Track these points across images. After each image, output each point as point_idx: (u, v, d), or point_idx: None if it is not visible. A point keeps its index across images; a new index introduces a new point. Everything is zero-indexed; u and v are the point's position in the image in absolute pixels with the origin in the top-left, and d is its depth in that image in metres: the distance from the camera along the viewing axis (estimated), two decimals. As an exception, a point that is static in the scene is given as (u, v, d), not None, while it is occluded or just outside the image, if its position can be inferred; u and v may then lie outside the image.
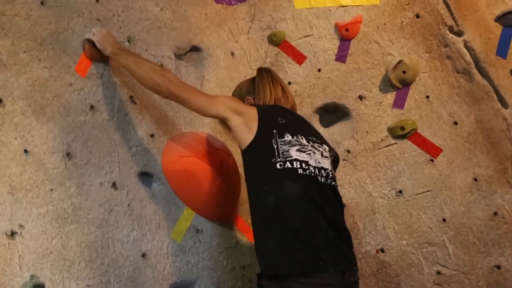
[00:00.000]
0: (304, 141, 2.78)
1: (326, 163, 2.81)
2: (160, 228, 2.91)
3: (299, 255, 2.57)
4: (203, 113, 2.88)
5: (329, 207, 2.69)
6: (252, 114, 2.80)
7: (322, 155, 2.81)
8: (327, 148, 2.88)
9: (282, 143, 2.72)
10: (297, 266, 2.56)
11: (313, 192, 2.66)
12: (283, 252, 2.59)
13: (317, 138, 2.88)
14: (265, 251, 2.67)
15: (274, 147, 2.71)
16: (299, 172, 2.68)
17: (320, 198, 2.67)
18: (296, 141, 2.75)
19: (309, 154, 2.75)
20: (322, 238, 2.60)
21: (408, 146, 3.46)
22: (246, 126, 2.77)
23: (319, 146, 2.83)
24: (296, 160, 2.70)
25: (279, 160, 2.69)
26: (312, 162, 2.73)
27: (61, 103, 2.70)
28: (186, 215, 3.01)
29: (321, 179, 2.73)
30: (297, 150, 2.73)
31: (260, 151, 2.73)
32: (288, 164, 2.68)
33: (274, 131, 2.74)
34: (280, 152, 2.70)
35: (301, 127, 2.86)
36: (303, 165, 2.70)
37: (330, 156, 2.89)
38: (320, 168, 2.75)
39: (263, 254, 2.68)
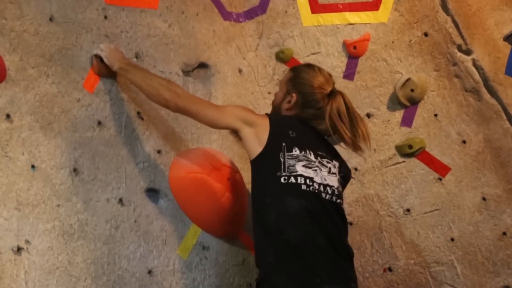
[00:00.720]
0: (312, 157, 2.77)
1: (333, 180, 2.79)
2: (167, 245, 2.90)
3: (295, 272, 2.58)
4: (214, 125, 2.88)
5: (330, 224, 2.69)
6: (264, 125, 2.79)
7: (329, 171, 2.79)
8: (337, 164, 2.86)
9: (289, 157, 2.72)
10: (293, 282, 2.58)
11: (315, 209, 2.66)
12: (281, 268, 2.60)
13: (327, 154, 2.86)
14: (263, 265, 2.69)
15: (281, 160, 2.71)
16: (302, 188, 2.68)
17: (321, 215, 2.68)
18: (304, 156, 2.75)
19: (315, 170, 2.74)
20: (320, 255, 2.61)
21: (416, 164, 3.45)
22: (256, 137, 2.77)
23: (328, 162, 2.81)
24: (301, 175, 2.70)
25: (284, 174, 2.69)
26: (317, 179, 2.73)
27: (68, 119, 2.70)
28: (193, 231, 3.00)
29: (325, 196, 2.73)
30: (303, 165, 2.72)
31: (266, 164, 2.74)
32: (293, 179, 2.68)
33: (283, 144, 2.74)
34: (286, 166, 2.70)
35: (311, 142, 2.84)
36: (307, 181, 2.70)
37: (340, 173, 2.87)
38: (325, 185, 2.74)
39: (261, 267, 2.70)
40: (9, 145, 2.49)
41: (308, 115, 2.88)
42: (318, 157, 2.79)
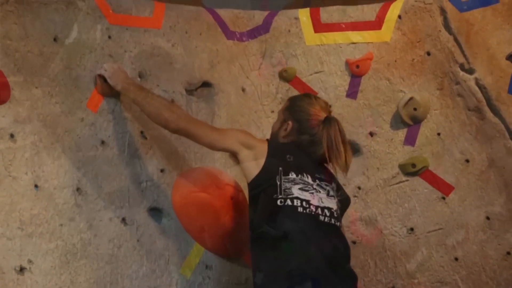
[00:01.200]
0: (309, 180, 2.76)
1: (332, 203, 2.78)
2: (169, 264, 2.90)
3: None
4: (213, 147, 2.89)
5: (329, 247, 2.66)
6: (262, 148, 2.79)
7: (328, 194, 2.78)
8: (335, 187, 2.85)
9: (286, 180, 2.71)
10: None
11: (312, 231, 2.64)
12: None
13: (326, 177, 2.85)
14: None
15: (277, 183, 2.70)
16: (298, 210, 2.67)
17: (319, 237, 2.65)
18: (300, 179, 2.74)
19: (312, 193, 2.73)
20: (317, 279, 2.56)
21: (420, 183, 3.44)
22: (253, 159, 2.78)
23: (326, 185, 2.80)
24: (297, 198, 2.69)
25: (280, 196, 2.68)
26: (314, 202, 2.71)
27: (72, 138, 2.71)
28: (196, 250, 3.00)
29: (324, 218, 2.70)
30: (299, 188, 2.71)
31: (263, 186, 2.73)
32: (289, 202, 2.67)
33: (280, 168, 2.73)
34: (282, 189, 2.69)
35: (308, 165, 2.82)
36: (304, 203, 2.68)
37: (338, 196, 2.85)
38: (323, 208, 2.72)
39: None
40: (13, 165, 2.50)
41: (304, 141, 2.85)
42: (316, 180, 2.78)
